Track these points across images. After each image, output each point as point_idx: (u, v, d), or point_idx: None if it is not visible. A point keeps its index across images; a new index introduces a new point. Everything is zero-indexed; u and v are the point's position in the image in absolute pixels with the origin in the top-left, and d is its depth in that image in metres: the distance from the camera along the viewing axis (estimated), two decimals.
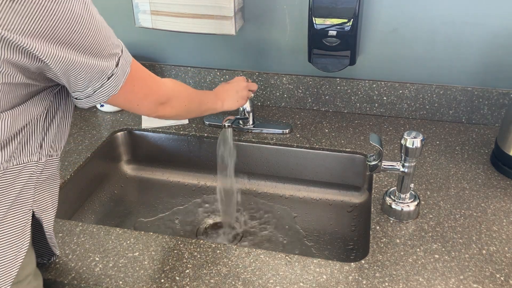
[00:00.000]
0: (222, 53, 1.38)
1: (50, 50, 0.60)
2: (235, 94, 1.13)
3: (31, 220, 0.72)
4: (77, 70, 0.64)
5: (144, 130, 1.31)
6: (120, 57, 0.70)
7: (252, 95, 1.22)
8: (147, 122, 1.33)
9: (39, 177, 0.73)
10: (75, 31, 0.61)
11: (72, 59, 0.62)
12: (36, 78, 0.65)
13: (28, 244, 0.71)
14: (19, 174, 0.68)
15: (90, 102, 0.71)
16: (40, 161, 0.72)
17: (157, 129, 1.30)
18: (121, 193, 1.30)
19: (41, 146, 0.72)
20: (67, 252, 0.89)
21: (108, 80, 0.69)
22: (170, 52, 1.43)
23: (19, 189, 0.69)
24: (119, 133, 1.32)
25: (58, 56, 0.61)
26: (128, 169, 1.36)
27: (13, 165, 0.67)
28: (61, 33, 0.59)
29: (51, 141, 0.74)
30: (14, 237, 0.69)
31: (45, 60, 0.60)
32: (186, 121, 1.33)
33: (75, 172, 1.14)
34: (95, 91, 0.69)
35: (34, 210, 0.73)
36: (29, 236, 0.72)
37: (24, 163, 0.69)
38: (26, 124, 0.68)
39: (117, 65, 0.69)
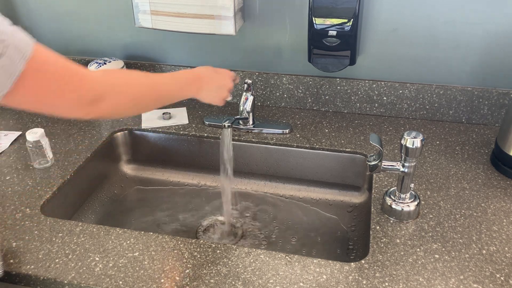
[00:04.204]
0: (222, 53, 1.38)
1: None
2: (215, 89, 0.98)
3: None
4: None
5: (144, 130, 1.31)
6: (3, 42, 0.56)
7: (230, 98, 1.06)
8: (147, 122, 1.33)
9: None
10: None
11: None
12: None
13: None
14: None
15: None
16: None
17: (157, 129, 1.30)
18: (121, 193, 1.30)
19: None
20: (67, 252, 0.89)
21: None
22: (170, 52, 1.43)
23: None
24: (119, 133, 1.32)
25: None
26: (128, 169, 1.36)
27: None
28: None
29: None
30: None
31: None
32: (186, 121, 1.33)
33: (75, 172, 1.14)
34: None
35: None
36: None
37: None
38: None
39: None
